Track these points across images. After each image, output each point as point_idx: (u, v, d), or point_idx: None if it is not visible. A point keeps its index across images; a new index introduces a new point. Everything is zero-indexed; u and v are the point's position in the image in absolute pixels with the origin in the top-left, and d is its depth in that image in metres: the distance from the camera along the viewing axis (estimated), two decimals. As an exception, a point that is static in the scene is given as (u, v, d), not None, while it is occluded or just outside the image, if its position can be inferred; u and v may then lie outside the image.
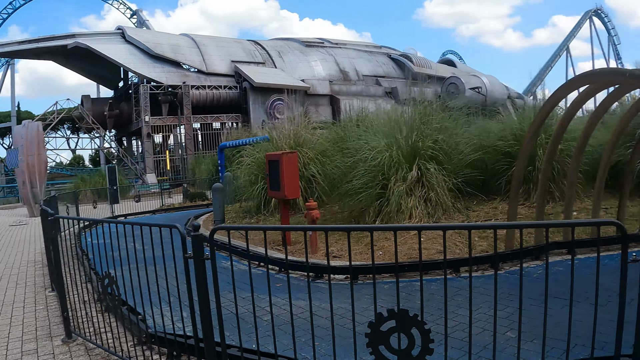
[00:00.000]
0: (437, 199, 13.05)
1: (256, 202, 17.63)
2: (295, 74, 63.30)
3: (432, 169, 13.25)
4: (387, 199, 12.83)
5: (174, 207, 31.54)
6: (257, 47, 67.60)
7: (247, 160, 18.24)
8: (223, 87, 59.45)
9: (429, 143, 13.80)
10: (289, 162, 12.30)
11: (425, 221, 12.62)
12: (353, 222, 13.50)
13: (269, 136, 19.09)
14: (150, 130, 57.16)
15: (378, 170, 13.18)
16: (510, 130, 15.70)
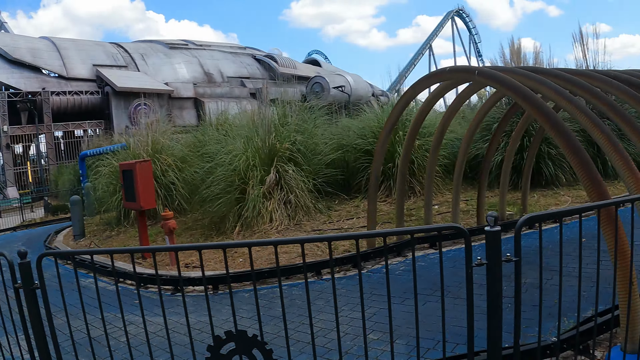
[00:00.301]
0: (297, 201, 12.97)
1: (116, 213, 17.06)
2: (159, 77, 62.17)
3: (291, 171, 13.18)
4: (246, 203, 12.63)
5: (35, 222, 30.37)
6: (120, 49, 66.01)
7: (105, 170, 17.60)
8: (84, 92, 57.58)
9: (287, 144, 13.68)
10: (143, 171, 11.89)
11: (286, 224, 12.56)
12: (214, 229, 13.25)
13: (126, 143, 18.52)
14: (10, 141, 54.77)
15: (236, 174, 12.95)
16: (370, 128, 15.78)
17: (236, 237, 12.26)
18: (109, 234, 16.54)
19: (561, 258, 4.13)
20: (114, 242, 15.37)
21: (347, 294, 8.38)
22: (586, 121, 5.95)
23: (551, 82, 6.78)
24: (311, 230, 12.38)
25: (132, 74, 61.01)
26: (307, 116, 15.42)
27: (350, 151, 15.57)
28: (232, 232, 12.50)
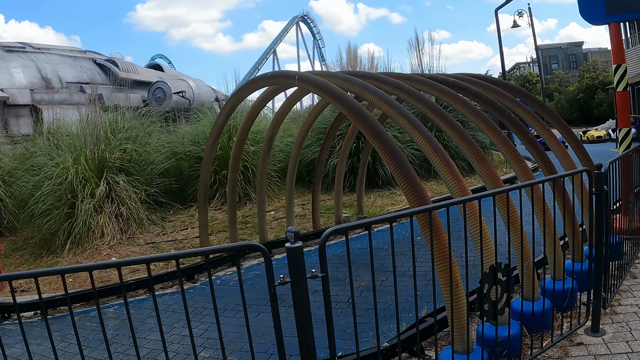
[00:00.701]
0: (129, 214, 12.57)
1: None
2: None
3: (122, 182, 12.74)
4: (76, 218, 12.11)
5: None
6: (-50, 54, 62.74)
7: None
8: None
9: (118, 154, 13.23)
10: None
11: (118, 238, 12.14)
12: (44, 247, 12.60)
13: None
14: None
15: (65, 188, 12.37)
16: (204, 134, 15.52)
17: (67, 256, 11.73)
18: None
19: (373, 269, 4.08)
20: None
21: (179, 309, 8.15)
22: (407, 124, 6.01)
23: (372, 86, 6.86)
24: (144, 244, 12.05)
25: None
26: (139, 123, 15.00)
27: (184, 159, 15.30)
28: (63, 250, 11.95)
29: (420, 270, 4.51)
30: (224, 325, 7.25)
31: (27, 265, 12.05)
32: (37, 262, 12.05)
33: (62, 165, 12.65)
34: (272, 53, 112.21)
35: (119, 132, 14.04)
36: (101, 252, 11.50)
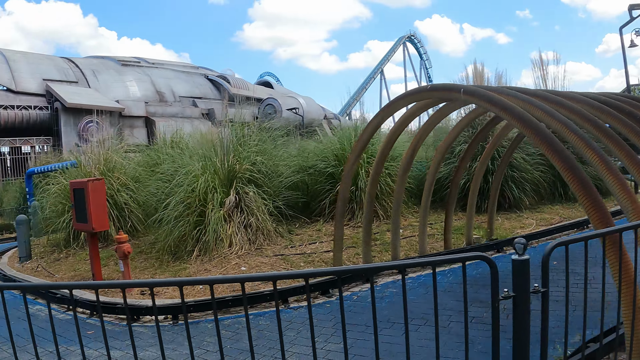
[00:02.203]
0: (257, 224, 12.40)
1: (65, 234, 16.25)
2: (110, 94, 61.17)
3: (251, 193, 12.62)
4: (205, 227, 12.02)
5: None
6: (71, 64, 64.86)
7: (53, 189, 16.78)
8: (33, 107, 56.33)
9: (247, 165, 13.14)
10: (95, 190, 11.17)
11: (246, 248, 11.99)
12: (169, 253, 12.58)
13: (77, 161, 17.75)
14: (-49, 156, 53.36)
15: (195, 196, 12.32)
16: (331, 150, 15.33)
17: (194, 263, 11.66)
18: (57, 257, 15.72)
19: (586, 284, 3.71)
20: (63, 265, 14.61)
21: (319, 324, 7.88)
22: (579, 142, 5.62)
23: (540, 102, 6.44)
24: (273, 255, 11.85)
25: (83, 90, 59.92)
26: (266, 137, 14.91)
27: (311, 173, 15.10)
28: (190, 257, 11.89)
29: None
30: (365, 342, 6.98)
31: (153, 269, 12.10)
32: (163, 267, 12.06)
33: (193, 174, 12.60)
34: (379, 73, 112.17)
35: (246, 144, 13.95)
36: (230, 261, 11.37)
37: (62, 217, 15.84)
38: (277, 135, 15.78)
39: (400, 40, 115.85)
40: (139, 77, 66.91)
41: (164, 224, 12.50)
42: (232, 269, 10.98)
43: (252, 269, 10.93)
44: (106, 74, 64.65)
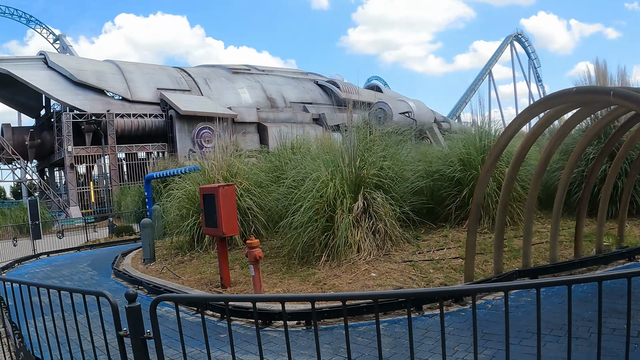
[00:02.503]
0: (385, 230, 12.21)
1: (188, 237, 16.49)
2: (222, 101, 62.33)
3: (379, 198, 12.41)
4: (333, 232, 11.91)
5: (99, 242, 30.02)
6: (183, 74, 66.45)
7: (177, 193, 17.07)
8: (148, 115, 58.06)
9: (374, 170, 12.96)
10: (226, 195, 11.23)
11: (374, 254, 11.77)
12: (296, 258, 12.54)
13: (200, 166, 17.97)
14: (74, 161, 55.22)
15: (324, 201, 12.22)
16: (456, 155, 14.96)
17: (323, 268, 11.56)
18: (181, 259, 15.96)
19: None
20: (187, 267, 14.80)
21: (456, 332, 7.64)
22: None
23: None
24: (401, 261, 11.59)
25: (196, 98, 61.25)
26: (391, 141, 14.70)
27: (436, 179, 14.79)
28: (318, 262, 11.79)
29: None
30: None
31: (280, 274, 12.08)
32: (291, 271, 12.02)
33: (322, 180, 12.50)
34: (487, 74, 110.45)
35: (371, 149, 13.77)
36: (359, 267, 11.20)
37: (186, 221, 16.07)
38: (400, 140, 15.54)
39: (508, 40, 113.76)
40: (249, 84, 67.88)
41: (292, 229, 12.43)
42: (361, 275, 10.81)
43: (382, 275, 10.72)
44: (218, 81, 65.87)
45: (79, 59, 67.97)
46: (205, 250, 15.78)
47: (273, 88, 69.06)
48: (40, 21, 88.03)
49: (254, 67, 75.93)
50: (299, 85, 72.74)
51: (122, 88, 59.42)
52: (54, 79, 56.96)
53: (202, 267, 14.46)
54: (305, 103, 69.16)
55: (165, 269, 15.15)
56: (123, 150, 57.63)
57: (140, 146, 57.81)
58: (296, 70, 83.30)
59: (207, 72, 68.64)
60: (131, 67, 64.51)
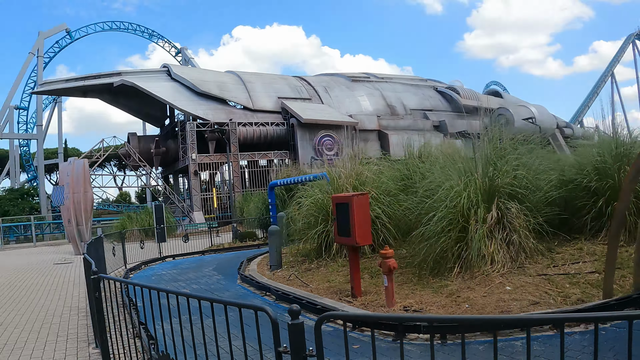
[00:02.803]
0: (519, 241, 11.88)
1: (315, 245, 16.56)
2: (342, 109, 62.62)
3: (513, 209, 12.09)
4: (466, 243, 11.70)
5: (223, 247, 30.53)
6: (303, 82, 67.15)
7: (305, 201, 17.18)
8: (270, 123, 59.02)
9: (509, 179, 12.63)
10: (360, 204, 11.19)
11: (508, 266, 11.47)
12: (426, 269, 12.38)
13: (328, 174, 18.02)
14: (197, 168, 56.74)
15: (457, 211, 12.02)
16: (591, 163, 14.35)
17: (455, 280, 11.36)
18: (308, 267, 16.06)
19: None
20: (315, 275, 14.87)
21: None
22: None
23: None
24: (536, 275, 11.21)
25: (316, 106, 61.77)
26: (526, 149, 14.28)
27: (570, 188, 14.26)
28: (450, 274, 11.60)
29: None
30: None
31: (412, 284, 11.96)
32: (422, 282, 11.88)
33: (455, 189, 12.30)
34: (609, 76, 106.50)
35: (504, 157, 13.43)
36: (493, 280, 10.93)
37: (315, 229, 16.16)
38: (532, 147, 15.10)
39: (629, 39, 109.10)
40: (369, 92, 67.96)
41: (425, 239, 12.26)
42: (496, 288, 10.55)
43: (517, 289, 10.41)
44: (337, 89, 66.25)
45: (201, 70, 69.89)
46: (332, 258, 15.82)
47: (392, 95, 68.87)
48: (162, 35, 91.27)
49: (373, 75, 75.94)
50: (419, 92, 72.26)
51: (243, 97, 60.59)
52: (177, 90, 58.93)
53: (330, 275, 14.51)
54: (425, 110, 68.62)
55: (292, 276, 15.26)
56: (245, 158, 58.73)
57: (262, 154, 58.73)
58: (415, 77, 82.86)
59: (327, 81, 69.09)
60: (252, 77, 65.69)
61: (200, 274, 19.67)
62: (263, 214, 33.56)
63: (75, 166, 34.39)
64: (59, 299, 16.05)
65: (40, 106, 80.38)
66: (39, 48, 79.23)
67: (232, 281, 17.13)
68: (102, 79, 60.39)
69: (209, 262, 23.76)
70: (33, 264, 29.73)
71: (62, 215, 37.15)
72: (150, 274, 21.28)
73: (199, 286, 16.76)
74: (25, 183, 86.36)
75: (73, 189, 33.89)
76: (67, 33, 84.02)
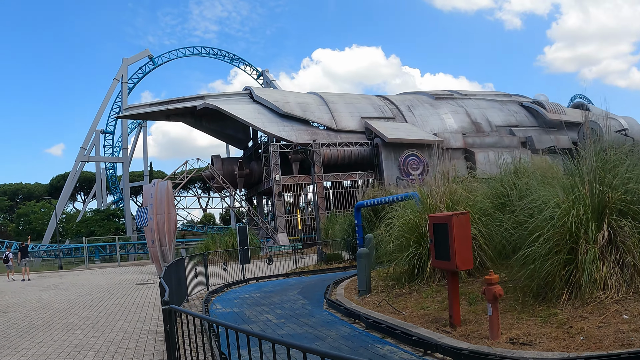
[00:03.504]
0: (635, 264, 10.72)
1: (407, 268, 15.70)
2: (427, 127, 61.85)
3: (626, 227, 10.92)
4: (576, 265, 10.64)
5: (308, 269, 29.95)
6: (386, 102, 66.72)
7: (397, 222, 16.32)
8: (354, 144, 58.54)
9: (619, 194, 11.48)
10: (460, 225, 10.30)
11: (622, 292, 10.37)
12: (529, 294, 11.38)
13: (420, 194, 17.14)
14: (281, 189, 56.55)
15: (565, 231, 10.96)
16: None
17: (564, 307, 10.31)
18: (399, 292, 15.18)
19: None
20: (407, 301, 14.00)
21: None
22: None
23: None
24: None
25: (401, 125, 61.25)
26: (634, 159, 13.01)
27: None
28: (558, 301, 10.54)
29: None
30: None
31: (515, 313, 10.93)
32: (527, 310, 10.84)
33: (563, 206, 11.22)
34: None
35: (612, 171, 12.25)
36: (607, 307, 9.84)
37: (407, 252, 15.33)
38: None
39: None
40: (453, 109, 67.05)
41: (530, 262, 11.21)
42: (612, 317, 9.47)
43: (635, 317, 9.31)
44: (421, 108, 65.69)
45: (283, 92, 70.11)
46: (425, 283, 14.92)
47: (477, 112, 67.67)
48: (243, 59, 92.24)
49: (456, 92, 74.91)
50: (504, 108, 70.83)
51: (326, 118, 60.46)
52: (260, 111, 59.35)
53: (424, 301, 13.59)
54: (511, 126, 67.13)
55: (383, 302, 14.46)
56: (329, 179, 58.42)
57: (347, 174, 58.29)
58: (499, 93, 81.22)
59: (410, 99, 68.48)
60: (334, 97, 65.60)
61: (285, 297, 19.08)
62: (349, 236, 32.80)
63: (159, 188, 34.49)
64: (137, 320, 15.80)
65: (126, 130, 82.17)
66: (123, 74, 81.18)
67: (318, 306, 16.48)
68: (185, 102, 61.41)
69: (294, 285, 23.24)
70: (116, 283, 30.12)
71: (146, 236, 37.52)
72: (233, 296, 20.79)
73: (283, 311, 16.13)
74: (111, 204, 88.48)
75: (157, 210, 34.00)
76: (150, 59, 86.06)
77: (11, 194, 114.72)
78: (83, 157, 76.16)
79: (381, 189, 35.91)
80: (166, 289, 8.03)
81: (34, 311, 19.21)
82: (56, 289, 28.11)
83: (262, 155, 60.68)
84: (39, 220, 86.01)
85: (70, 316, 17.44)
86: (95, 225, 76.06)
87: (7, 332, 14.85)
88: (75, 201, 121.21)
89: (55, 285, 30.64)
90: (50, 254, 66.11)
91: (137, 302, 20.41)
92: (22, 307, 20.80)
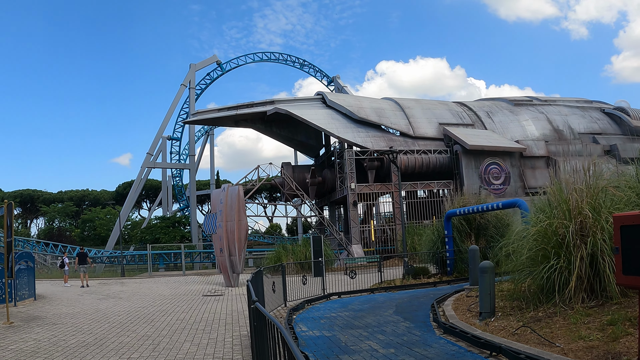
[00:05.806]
0: None
1: (542, 285, 12.98)
2: (507, 134, 59.01)
3: None
4: None
5: (394, 284, 27.35)
6: (464, 108, 64.19)
7: (531, 230, 13.59)
8: (432, 151, 55.88)
9: None
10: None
11: None
12: None
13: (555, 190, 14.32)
14: (357, 198, 54.16)
15: None
16: None
17: None
18: (535, 315, 12.45)
19: None
20: (553, 328, 11.16)
21: None
22: None
23: None
24: None
25: (481, 132, 58.62)
26: None
27: None
28: None
29: None
30: None
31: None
32: None
33: None
34: None
35: None
36: None
37: (541, 266, 12.70)
38: None
39: None
40: (534, 116, 64.05)
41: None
42: None
43: None
44: (500, 114, 62.97)
45: (357, 97, 67.95)
46: (568, 303, 12.14)
47: (559, 119, 64.39)
48: (313, 64, 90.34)
49: (536, 98, 71.88)
50: (586, 115, 67.33)
51: (403, 124, 58.14)
52: (333, 117, 57.43)
53: (578, 328, 10.77)
54: (593, 134, 63.62)
55: (521, 328, 11.71)
56: (407, 188, 55.75)
57: (425, 183, 55.79)
58: (579, 99, 77.54)
59: (489, 105, 65.75)
60: (411, 103, 63.32)
61: (381, 319, 16.33)
62: (438, 248, 30.16)
63: (229, 193, 32.76)
64: (207, 344, 13.43)
65: (193, 137, 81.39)
66: (191, 80, 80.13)
67: (427, 330, 13.93)
68: (255, 107, 60.14)
69: (384, 303, 20.59)
70: (180, 294, 28.20)
71: (214, 245, 35.86)
72: (318, 315, 18.19)
73: (386, 337, 13.44)
74: (177, 212, 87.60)
75: (226, 217, 32.42)
76: (217, 65, 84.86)
77: (78, 200, 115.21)
78: (149, 163, 74.79)
79: (472, 197, 33.21)
80: (266, 315, 5.69)
81: (87, 324, 17.15)
82: (115, 298, 26.35)
83: (335, 163, 58.51)
84: (104, 226, 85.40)
85: (127, 333, 15.36)
86: (160, 232, 75.39)
87: (50, 353, 12.62)
88: (141, 209, 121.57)
89: (115, 294, 28.83)
90: (114, 260, 64.96)
91: (204, 317, 18.18)
92: (74, 318, 18.80)
